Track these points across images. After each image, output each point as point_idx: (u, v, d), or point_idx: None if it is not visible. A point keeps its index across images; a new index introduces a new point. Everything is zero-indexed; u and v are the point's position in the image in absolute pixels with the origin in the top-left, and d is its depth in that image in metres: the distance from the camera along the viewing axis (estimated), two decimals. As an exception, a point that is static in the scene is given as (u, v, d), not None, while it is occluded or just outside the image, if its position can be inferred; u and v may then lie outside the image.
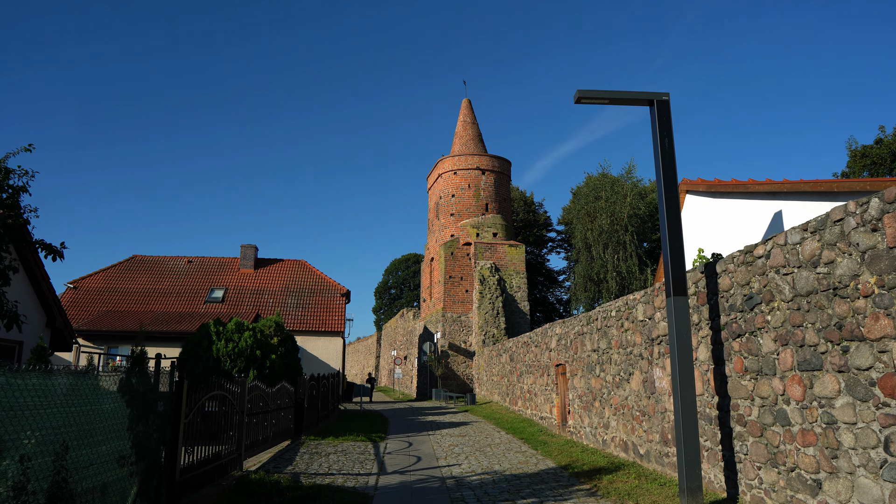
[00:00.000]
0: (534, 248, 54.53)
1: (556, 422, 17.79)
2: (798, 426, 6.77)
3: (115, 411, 5.75)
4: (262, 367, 16.37)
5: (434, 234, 42.48)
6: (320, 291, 36.04)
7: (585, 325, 15.18)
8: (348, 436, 16.63)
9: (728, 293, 8.34)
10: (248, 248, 37.84)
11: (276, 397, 13.64)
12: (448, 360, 36.91)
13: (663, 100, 8.80)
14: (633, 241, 40.50)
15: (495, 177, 41.25)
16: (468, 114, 44.85)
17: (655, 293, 11.02)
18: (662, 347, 10.62)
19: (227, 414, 9.89)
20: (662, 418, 10.57)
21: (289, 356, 21.88)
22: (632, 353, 12.12)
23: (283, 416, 14.49)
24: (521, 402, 22.63)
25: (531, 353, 21.21)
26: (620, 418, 12.61)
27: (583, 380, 15.25)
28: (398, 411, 27.05)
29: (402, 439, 16.83)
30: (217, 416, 9.55)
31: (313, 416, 18.15)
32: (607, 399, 13.45)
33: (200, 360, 15.96)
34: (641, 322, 11.65)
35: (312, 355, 32.68)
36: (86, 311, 32.86)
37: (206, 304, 34.16)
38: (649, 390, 11.17)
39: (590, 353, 14.78)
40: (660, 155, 8.56)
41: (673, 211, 8.36)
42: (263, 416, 12.43)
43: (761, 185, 11.60)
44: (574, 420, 15.90)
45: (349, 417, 23.28)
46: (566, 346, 16.84)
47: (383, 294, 79.78)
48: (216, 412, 9.99)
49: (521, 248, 39.46)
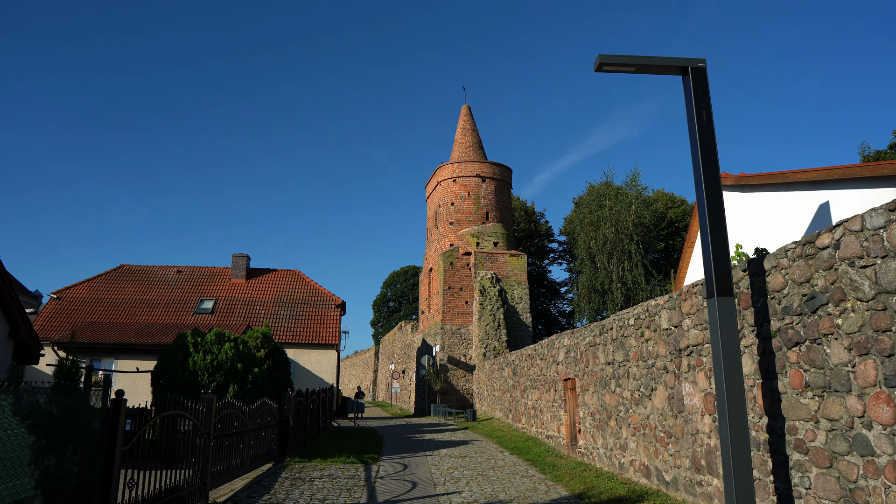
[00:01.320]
0: (535, 259, 53.20)
1: (564, 441, 16.36)
2: (887, 457, 5.39)
3: (10, 440, 4.38)
4: (244, 382, 14.97)
5: (433, 244, 41.15)
6: (314, 302, 34.65)
7: (598, 336, 13.81)
8: (338, 457, 15.19)
9: (780, 293, 6.99)
10: (240, 258, 36.49)
11: (255, 416, 12.24)
12: (447, 375, 35.44)
13: (699, 67, 7.50)
14: (638, 250, 39.17)
15: (496, 184, 40.00)
16: (468, 120, 43.69)
17: (683, 297, 9.67)
18: (693, 359, 9.25)
19: (189, 437, 8.49)
20: (693, 441, 9.18)
21: (277, 370, 20.46)
22: (654, 365, 10.75)
23: (264, 437, 13.07)
24: (525, 419, 21.19)
25: (536, 367, 19.81)
26: (641, 439, 11.21)
27: (595, 396, 13.86)
28: (394, 428, 25.58)
29: (396, 461, 15.39)
30: (178, 439, 8.16)
31: (301, 435, 16.71)
32: (625, 417, 12.05)
33: (176, 375, 14.57)
34: (666, 331, 10.29)
35: (305, 369, 31.24)
36: (69, 322, 31.45)
37: (195, 315, 32.75)
38: (676, 408, 9.78)
39: (603, 367, 13.40)
40: (696, 130, 7.24)
41: (714, 194, 7.02)
42: (239, 437, 11.03)
43: (804, 173, 10.30)
44: (585, 440, 14.48)
45: (342, 435, 21.81)
46: (576, 359, 15.46)
47: (381, 307, 78.40)
48: (183, 434, 8.61)
49: (522, 258, 38.13)
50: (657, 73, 7.67)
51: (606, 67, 7.49)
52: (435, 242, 40.44)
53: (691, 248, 14.61)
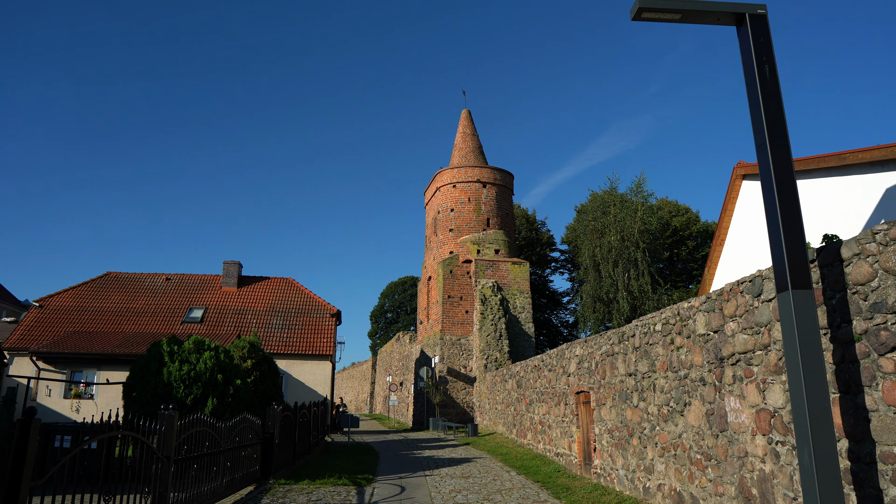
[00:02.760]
0: (536, 269, 51.86)
1: (576, 460, 14.95)
2: None
3: None
4: (224, 395, 13.56)
5: (432, 252, 39.80)
6: (308, 311, 33.23)
7: (617, 344, 12.44)
8: (328, 478, 13.76)
9: (867, 287, 5.66)
10: (232, 265, 35.11)
11: (233, 433, 10.83)
12: (447, 387, 33.97)
13: (759, 13, 6.21)
14: (644, 258, 37.79)
15: (497, 190, 38.74)
16: (468, 125, 42.51)
17: (725, 297, 8.32)
18: (739, 369, 7.90)
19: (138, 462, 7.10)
20: (741, 465, 7.80)
21: (265, 382, 19.08)
22: (688, 377, 9.39)
23: (244, 457, 11.66)
24: (532, 434, 19.75)
25: (543, 379, 18.42)
26: (671, 461, 9.83)
27: (614, 410, 12.47)
28: (391, 444, 24.11)
29: (393, 482, 13.97)
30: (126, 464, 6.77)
31: (288, 453, 15.28)
32: (650, 436, 10.67)
33: (148, 387, 13.17)
34: (703, 336, 8.94)
35: (298, 381, 29.79)
36: (51, 331, 30.03)
37: (183, 324, 31.32)
38: (717, 426, 8.41)
39: (623, 378, 12.03)
40: (759, 87, 5.93)
41: (783, 164, 5.68)
42: (212, 458, 9.63)
43: (867, 152, 8.98)
44: (602, 459, 13.08)
45: (334, 452, 20.35)
46: (590, 370, 14.09)
47: (379, 318, 77.09)
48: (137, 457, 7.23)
49: (525, 266, 36.79)
50: (706, 23, 6.38)
51: (646, 14, 6.19)
52: (434, 250, 39.11)
53: (720, 246, 13.31)
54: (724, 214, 12.75)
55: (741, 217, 11.75)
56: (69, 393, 27.54)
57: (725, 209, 12.65)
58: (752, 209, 11.82)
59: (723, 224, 12.93)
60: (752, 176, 11.86)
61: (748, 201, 11.99)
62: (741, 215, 11.76)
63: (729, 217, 12.86)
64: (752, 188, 11.99)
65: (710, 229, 48.94)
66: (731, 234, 12.84)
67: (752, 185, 12.02)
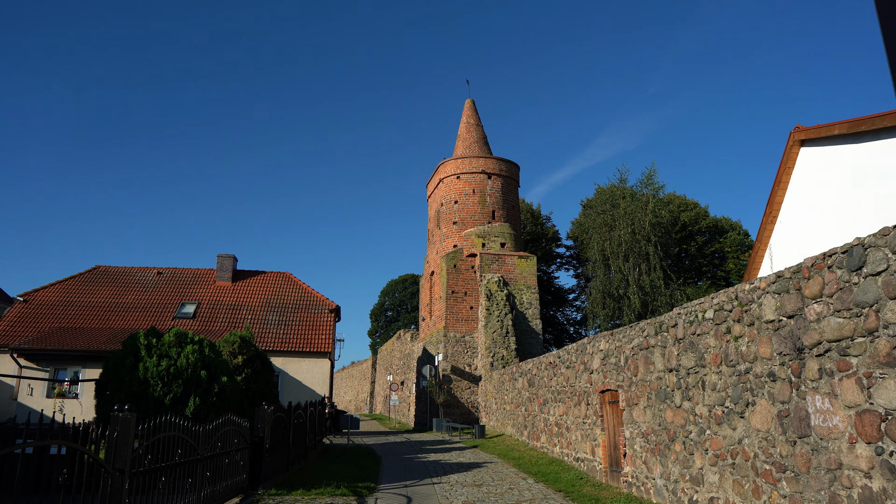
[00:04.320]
0: (541, 265, 50.32)
1: (601, 466, 13.47)
2: None
3: None
4: (209, 394, 12.08)
5: (434, 246, 38.30)
6: (306, 307, 31.75)
7: (653, 336, 10.96)
8: (325, 487, 12.28)
9: None
10: (226, 259, 33.62)
11: (214, 438, 9.34)
12: (450, 386, 32.48)
13: None
14: (656, 252, 36.34)
15: (502, 181, 37.24)
16: (472, 115, 41.03)
17: (805, 274, 6.85)
18: (829, 361, 6.42)
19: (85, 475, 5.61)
20: (832, 479, 6.33)
21: (257, 379, 17.59)
22: (750, 371, 7.91)
23: (228, 465, 10.17)
24: (546, 437, 18.28)
25: (560, 377, 16.94)
26: (728, 471, 8.35)
27: (649, 411, 11.00)
28: (394, 446, 22.63)
29: (397, 492, 12.49)
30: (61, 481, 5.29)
31: (281, 459, 13.80)
32: (699, 441, 9.19)
33: (122, 384, 11.69)
34: (772, 323, 7.47)
35: (295, 379, 28.31)
36: (35, 327, 28.55)
37: (174, 319, 29.86)
38: (795, 430, 6.94)
39: (661, 375, 10.56)
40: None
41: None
42: (186, 468, 8.15)
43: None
44: (634, 466, 11.60)
45: (333, 456, 18.86)
46: (618, 366, 12.61)
47: (379, 316, 75.65)
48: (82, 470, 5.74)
49: (531, 260, 35.30)
50: None
51: None
52: (437, 244, 37.61)
53: (772, 224, 11.79)
54: (777, 188, 11.21)
55: (798, 189, 10.31)
56: (52, 392, 26.05)
57: (778, 181, 11.12)
58: (812, 180, 10.33)
59: (775, 199, 11.39)
60: (813, 142, 10.34)
61: (807, 171, 10.50)
62: (798, 187, 10.31)
63: (783, 190, 11.33)
64: (812, 156, 10.47)
65: (719, 224, 47.46)
66: (786, 210, 11.33)
67: (812, 153, 10.49)
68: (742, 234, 47.42)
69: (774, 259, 11.61)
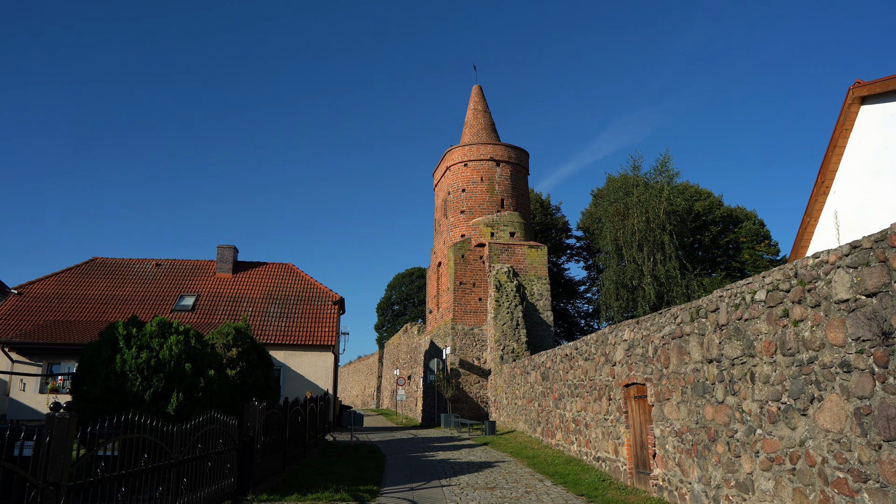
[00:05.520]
0: (551, 256, 49.03)
1: (625, 467, 12.29)
2: None
3: None
4: (193, 388, 10.95)
5: (441, 236, 37.10)
6: (309, 299, 30.67)
7: (688, 323, 9.75)
8: (322, 491, 11.14)
9: None
10: (226, 250, 32.56)
11: (190, 439, 8.20)
12: (459, 380, 31.33)
13: None
14: (672, 241, 35.03)
15: (511, 169, 35.97)
16: (479, 101, 39.76)
17: (894, 242, 5.64)
18: (929, 347, 5.21)
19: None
20: (934, 493, 5.13)
21: (253, 373, 16.51)
22: (816, 361, 6.71)
23: (211, 468, 9.04)
24: (562, 434, 17.10)
25: (577, 370, 15.75)
26: (787, 478, 7.15)
27: (684, 408, 9.80)
28: (399, 444, 21.51)
29: (402, 495, 11.35)
30: None
31: (276, 460, 12.68)
32: (747, 441, 7.99)
33: (98, 378, 10.59)
34: (845, 303, 6.26)
35: (298, 374, 27.26)
36: (29, 320, 27.59)
37: (173, 312, 28.84)
38: (882, 432, 5.74)
39: (699, 366, 9.35)
40: None
41: None
42: (154, 475, 7.01)
43: None
44: (666, 469, 10.41)
45: (335, 454, 17.74)
46: (645, 358, 11.41)
47: (386, 310, 74.68)
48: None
49: (542, 250, 34.06)
50: None
51: None
52: (444, 234, 36.42)
53: (824, 195, 10.51)
54: (832, 153, 9.93)
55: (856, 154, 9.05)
56: (45, 387, 25.08)
57: (833, 146, 9.85)
58: (875, 142, 9.07)
59: (828, 166, 10.11)
60: (876, 98, 9.04)
61: (867, 132, 9.22)
62: (857, 152, 9.06)
63: (838, 156, 10.05)
64: (874, 114, 9.19)
65: (734, 214, 46.06)
66: (841, 178, 10.06)
67: (873, 111, 9.22)
68: (758, 224, 46.03)
69: (831, 235, 10.34)
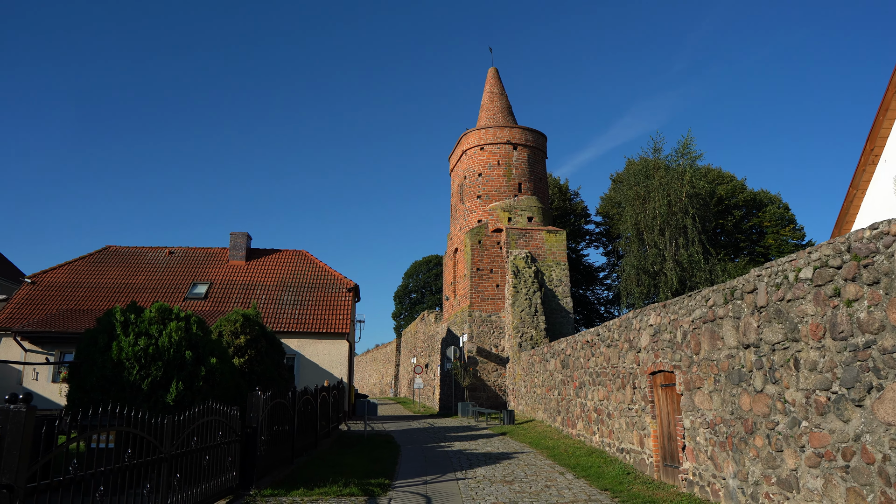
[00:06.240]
0: (570, 242, 48.14)
1: (651, 460, 11.58)
2: None
3: None
4: (194, 377, 10.41)
5: (458, 221, 36.40)
6: (323, 286, 30.18)
7: (721, 306, 8.99)
8: (331, 485, 10.58)
9: None
10: (239, 237, 32.14)
11: (184, 431, 7.64)
12: (476, 368, 30.73)
13: None
14: (695, 225, 34.01)
15: (529, 152, 35.10)
16: (496, 83, 38.83)
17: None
18: None
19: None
20: None
21: (263, 362, 15.99)
22: (873, 346, 5.95)
23: (210, 462, 8.50)
24: (583, 423, 16.42)
25: (600, 357, 15.03)
26: (840, 477, 6.41)
27: (717, 397, 9.06)
28: (415, 434, 20.97)
29: (415, 489, 10.76)
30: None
31: (285, 451, 12.14)
32: (792, 435, 7.25)
33: (94, 366, 10.08)
34: (911, 279, 5.48)
35: (311, 362, 26.82)
36: (42, 309, 27.41)
37: (185, 300, 28.52)
38: (957, 427, 4.98)
39: (734, 352, 8.60)
40: None
41: None
42: (141, 471, 6.46)
43: None
44: (697, 462, 9.69)
45: (347, 444, 17.24)
46: (673, 344, 10.67)
47: (403, 298, 74.26)
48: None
49: (561, 235, 33.23)
50: None
51: None
52: (460, 219, 35.72)
53: (873, 164, 9.57)
54: (882, 117, 9.03)
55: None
56: (58, 376, 24.88)
57: (884, 110, 8.95)
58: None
59: (878, 132, 9.22)
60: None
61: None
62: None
63: (890, 120, 9.13)
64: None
65: (758, 198, 44.83)
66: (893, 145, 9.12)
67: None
68: (782, 208, 44.79)
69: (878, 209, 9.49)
